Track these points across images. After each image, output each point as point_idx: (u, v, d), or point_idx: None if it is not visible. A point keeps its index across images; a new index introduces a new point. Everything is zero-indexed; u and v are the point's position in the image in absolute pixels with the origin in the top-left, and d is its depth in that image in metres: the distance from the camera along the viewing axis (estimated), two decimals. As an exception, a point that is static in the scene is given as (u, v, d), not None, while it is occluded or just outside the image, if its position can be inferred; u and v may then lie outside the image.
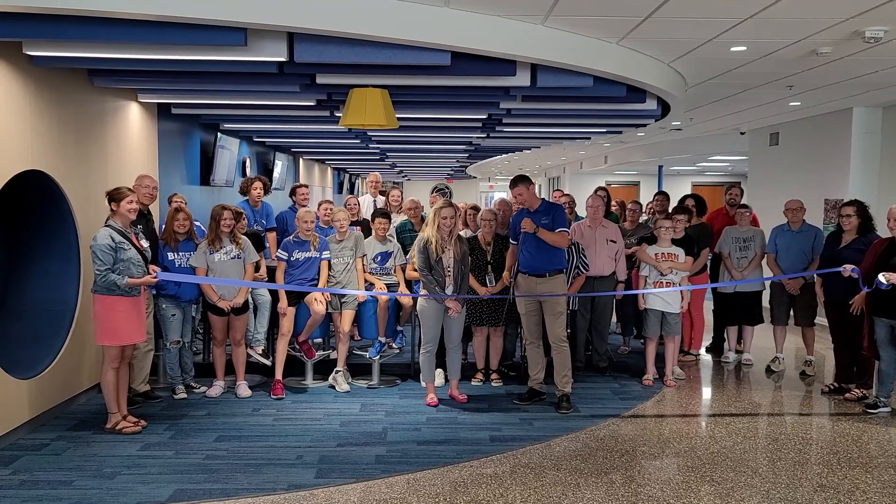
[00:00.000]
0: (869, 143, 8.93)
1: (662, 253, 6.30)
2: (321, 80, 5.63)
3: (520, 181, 5.73)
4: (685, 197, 7.34)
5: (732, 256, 7.00)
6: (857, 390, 6.02)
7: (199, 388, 6.04)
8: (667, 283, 6.27)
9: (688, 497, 4.04)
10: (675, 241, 6.40)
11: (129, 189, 5.01)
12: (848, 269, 5.46)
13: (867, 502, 4.01)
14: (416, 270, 5.86)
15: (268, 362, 6.22)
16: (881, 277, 5.19)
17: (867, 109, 8.85)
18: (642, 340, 6.92)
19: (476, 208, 6.76)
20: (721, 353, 7.54)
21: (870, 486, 4.25)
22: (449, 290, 5.63)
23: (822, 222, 9.21)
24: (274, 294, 6.27)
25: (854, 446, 4.95)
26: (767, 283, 7.12)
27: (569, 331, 6.33)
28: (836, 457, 4.75)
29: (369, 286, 6.32)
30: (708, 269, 7.31)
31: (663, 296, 6.28)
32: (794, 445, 4.93)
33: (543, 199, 5.93)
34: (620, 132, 10.17)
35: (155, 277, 5.03)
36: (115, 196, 4.92)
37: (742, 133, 12.03)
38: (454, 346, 5.84)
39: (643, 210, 8.07)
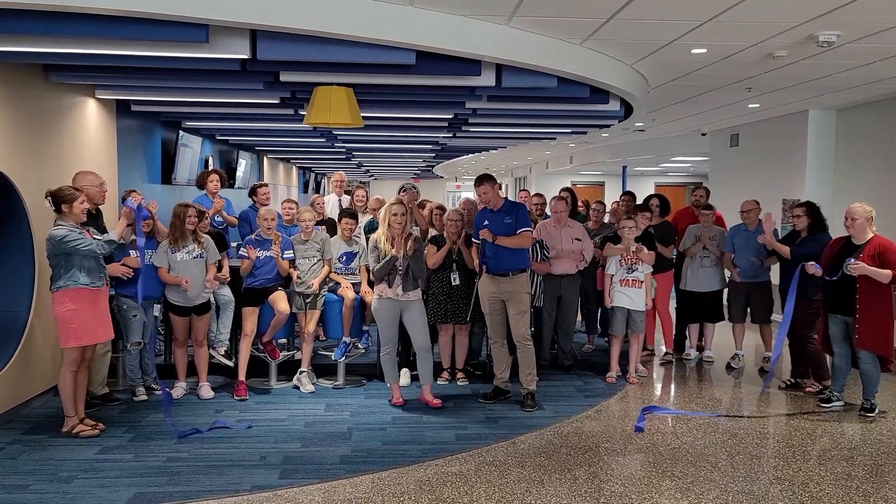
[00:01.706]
0: (824, 144, 9.15)
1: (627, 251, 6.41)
2: (285, 77, 5.58)
3: (485, 180, 5.76)
4: (650, 197, 7.44)
5: (696, 256, 7.11)
6: (813, 385, 6.17)
7: (159, 389, 5.94)
8: (633, 280, 6.37)
9: (649, 492, 4.10)
10: (635, 238, 6.50)
11: (75, 188, 4.89)
12: (811, 267, 5.59)
13: (820, 493, 4.11)
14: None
15: (230, 363, 6.15)
16: (849, 265, 5.30)
17: (822, 112, 9.06)
18: (606, 338, 7.01)
19: (442, 208, 6.77)
20: (682, 350, 7.66)
21: (823, 477, 4.36)
22: (399, 290, 5.54)
23: (781, 222, 9.41)
24: (237, 294, 6.20)
25: (809, 440, 5.07)
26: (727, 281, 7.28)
27: (533, 329, 6.38)
28: (791, 450, 4.86)
29: (335, 286, 6.30)
30: (671, 265, 7.41)
31: (629, 294, 6.38)
32: (752, 440, 5.04)
33: (506, 198, 5.96)
34: (585, 133, 10.26)
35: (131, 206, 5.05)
36: (64, 197, 4.76)
37: (703, 134, 12.23)
38: (424, 351, 5.72)
39: (606, 210, 8.15)
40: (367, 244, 5.77)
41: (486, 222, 5.73)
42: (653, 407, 5.72)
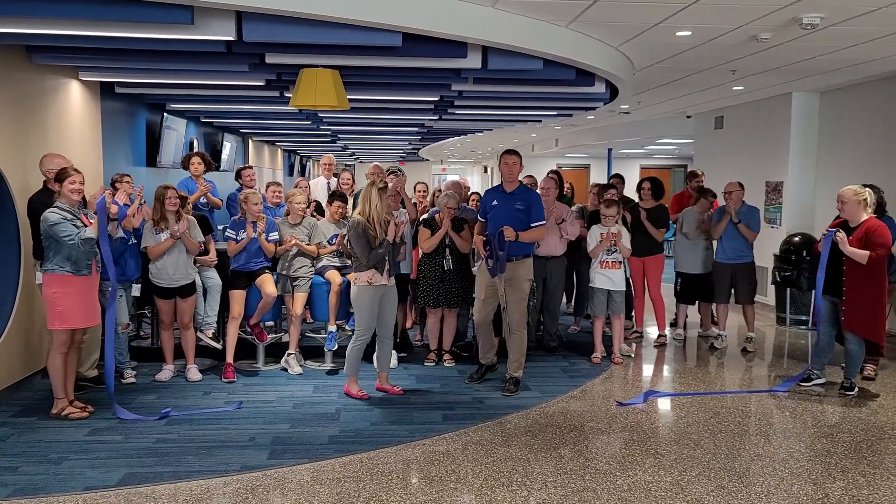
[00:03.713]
0: (807, 127, 9.23)
1: (607, 232, 6.51)
2: (270, 59, 5.56)
3: (515, 153, 5.61)
4: (643, 180, 7.34)
5: (699, 238, 7.20)
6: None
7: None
8: (612, 262, 6.46)
9: (633, 469, 4.18)
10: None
11: (75, 170, 4.88)
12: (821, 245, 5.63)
13: (800, 469, 4.21)
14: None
15: (218, 346, 6.16)
16: (836, 234, 5.37)
17: (806, 94, 9.13)
18: (591, 320, 7.08)
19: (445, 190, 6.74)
20: (675, 329, 7.74)
21: (803, 454, 4.46)
22: (387, 277, 5.39)
23: (764, 203, 9.51)
24: (224, 277, 6.21)
25: (789, 418, 5.18)
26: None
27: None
28: (772, 428, 4.96)
29: (322, 269, 6.32)
30: (665, 250, 7.42)
31: (608, 275, 6.47)
32: (734, 418, 5.13)
33: (520, 181, 5.73)
34: (570, 115, 10.29)
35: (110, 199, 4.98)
36: (57, 176, 4.82)
37: (688, 117, 12.29)
38: (388, 337, 5.59)
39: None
40: (350, 230, 5.41)
41: (495, 202, 5.58)
42: (653, 391, 5.70)
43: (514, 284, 5.57)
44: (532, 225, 5.53)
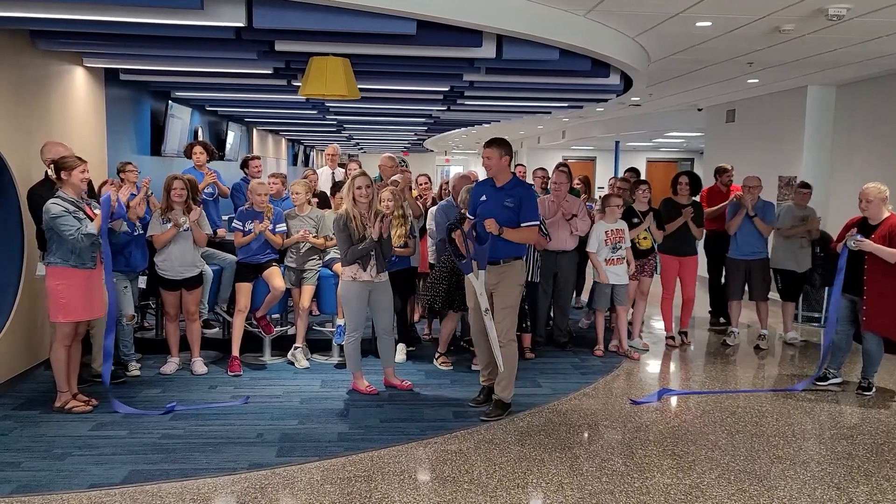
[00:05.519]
0: (822, 120, 9.08)
1: (612, 229, 6.42)
2: (280, 47, 5.44)
3: (493, 144, 4.80)
4: (679, 174, 7.02)
5: (795, 235, 7.00)
6: None
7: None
8: (617, 259, 6.39)
9: (650, 471, 4.08)
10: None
11: (79, 158, 4.77)
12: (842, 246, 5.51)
13: (822, 473, 4.10)
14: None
15: (229, 318, 6.07)
16: (854, 239, 5.28)
17: (822, 88, 8.99)
18: (607, 313, 6.93)
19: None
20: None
21: (823, 456, 4.35)
22: (373, 272, 5.21)
23: (776, 199, 9.38)
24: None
25: (807, 418, 5.07)
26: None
27: (526, 306, 6.25)
28: (790, 429, 4.85)
29: (330, 261, 6.20)
30: (697, 249, 7.16)
31: (615, 271, 6.41)
32: (751, 418, 5.02)
33: (514, 174, 4.99)
34: (581, 107, 10.15)
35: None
36: (63, 165, 4.67)
37: (699, 109, 12.14)
38: (387, 333, 5.42)
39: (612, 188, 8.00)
40: (333, 224, 5.23)
41: (484, 198, 4.96)
42: (667, 389, 5.60)
43: (502, 291, 4.82)
44: (522, 225, 4.77)
